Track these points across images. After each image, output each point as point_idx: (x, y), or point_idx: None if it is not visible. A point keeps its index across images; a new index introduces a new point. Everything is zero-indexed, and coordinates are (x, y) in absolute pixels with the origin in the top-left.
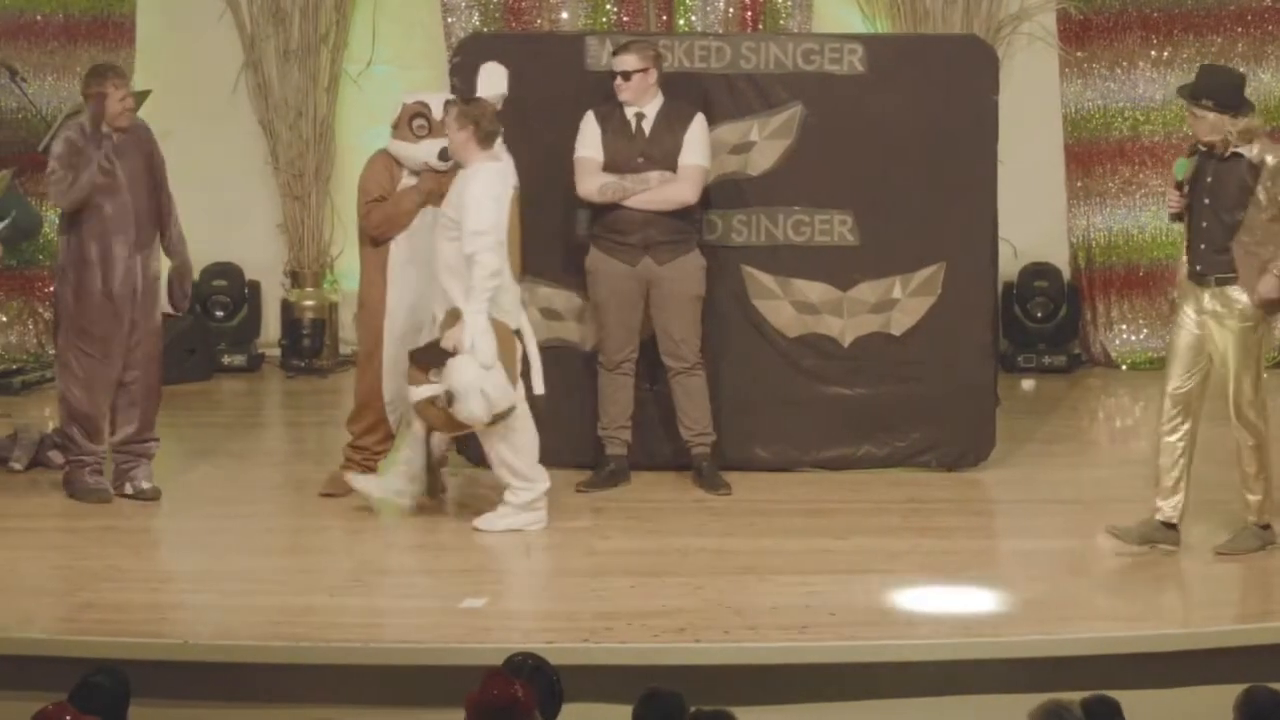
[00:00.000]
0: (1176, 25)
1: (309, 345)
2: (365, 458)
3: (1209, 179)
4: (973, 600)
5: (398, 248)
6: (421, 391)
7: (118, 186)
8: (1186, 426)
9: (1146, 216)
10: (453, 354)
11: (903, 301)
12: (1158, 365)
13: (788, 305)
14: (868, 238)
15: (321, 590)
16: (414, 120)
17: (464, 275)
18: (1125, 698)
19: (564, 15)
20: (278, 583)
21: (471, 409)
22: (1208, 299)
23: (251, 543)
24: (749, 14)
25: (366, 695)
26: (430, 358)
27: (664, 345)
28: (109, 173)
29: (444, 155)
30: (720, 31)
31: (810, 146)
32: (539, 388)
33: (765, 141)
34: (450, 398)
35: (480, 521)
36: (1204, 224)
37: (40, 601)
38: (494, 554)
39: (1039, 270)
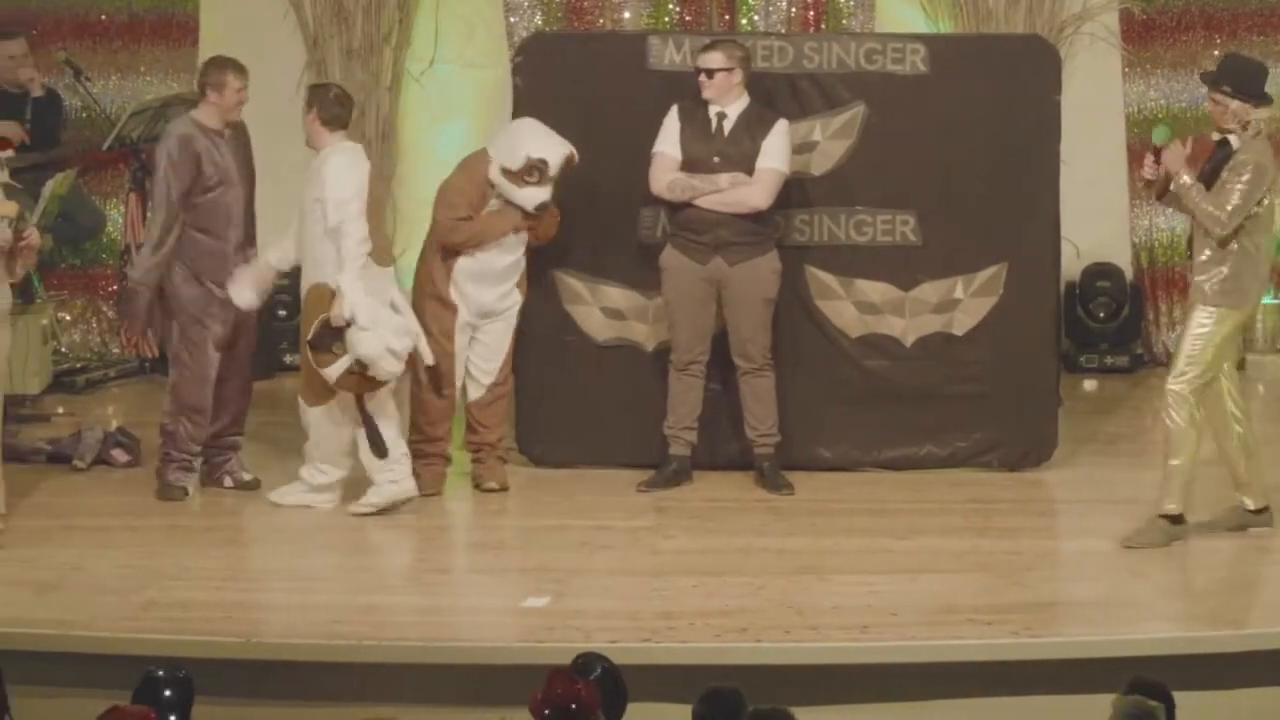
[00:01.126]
0: (1240, 25)
1: None
2: (439, 449)
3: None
4: (1034, 600)
5: (467, 259)
6: (336, 369)
7: (231, 180)
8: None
9: None
10: (345, 327)
11: (965, 302)
12: None
13: (850, 305)
14: (930, 238)
15: (383, 589)
16: (530, 172)
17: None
18: (1185, 699)
19: (626, 15)
20: (339, 581)
21: (388, 369)
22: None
23: (313, 541)
24: (811, 14)
25: (428, 694)
26: (328, 339)
27: (733, 344)
28: (223, 167)
29: (540, 207)
30: (783, 31)
31: (873, 146)
32: (429, 359)
33: (828, 141)
34: (364, 366)
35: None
36: None
37: (104, 600)
38: (556, 553)
39: (1101, 270)
